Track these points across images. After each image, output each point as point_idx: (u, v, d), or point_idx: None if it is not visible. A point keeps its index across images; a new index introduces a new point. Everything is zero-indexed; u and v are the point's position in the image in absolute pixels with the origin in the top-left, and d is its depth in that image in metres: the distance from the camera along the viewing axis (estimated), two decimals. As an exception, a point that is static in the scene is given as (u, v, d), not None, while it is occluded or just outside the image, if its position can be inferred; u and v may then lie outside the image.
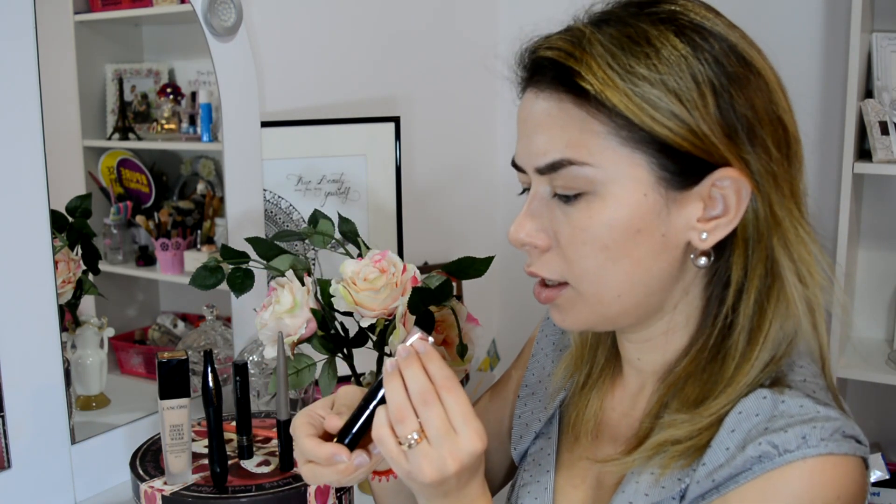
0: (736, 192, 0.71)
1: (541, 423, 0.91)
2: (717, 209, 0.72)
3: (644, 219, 0.71)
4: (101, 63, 1.46)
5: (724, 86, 0.70)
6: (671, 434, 0.74)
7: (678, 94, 0.69)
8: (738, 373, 0.73)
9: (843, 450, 0.68)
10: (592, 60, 0.69)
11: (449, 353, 1.10)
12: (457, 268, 1.13)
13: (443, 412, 0.70)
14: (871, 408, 2.01)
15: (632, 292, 0.74)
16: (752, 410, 0.71)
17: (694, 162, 0.70)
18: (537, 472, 0.89)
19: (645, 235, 0.72)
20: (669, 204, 0.71)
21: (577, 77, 0.70)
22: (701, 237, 0.72)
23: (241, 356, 1.40)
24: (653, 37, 0.70)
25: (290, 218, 1.56)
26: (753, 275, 0.73)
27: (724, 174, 0.70)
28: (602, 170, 0.71)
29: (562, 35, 0.73)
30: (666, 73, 0.69)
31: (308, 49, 1.66)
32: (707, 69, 0.69)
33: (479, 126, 2.19)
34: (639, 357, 0.82)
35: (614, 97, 0.68)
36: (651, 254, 0.73)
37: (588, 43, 0.70)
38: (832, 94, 1.93)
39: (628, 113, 0.69)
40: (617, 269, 0.73)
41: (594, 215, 0.72)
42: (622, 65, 0.69)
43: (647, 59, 0.69)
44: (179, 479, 1.01)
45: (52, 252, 1.14)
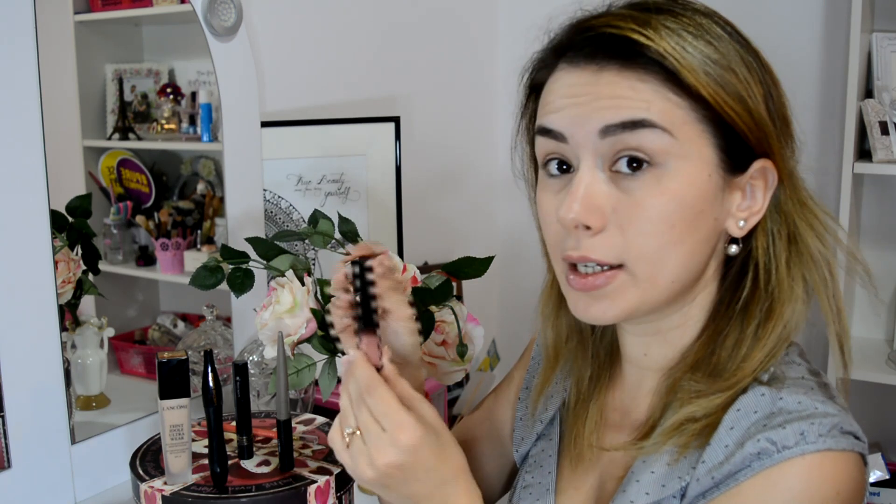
0: (764, 182, 0.74)
1: (542, 425, 0.91)
2: (751, 198, 0.74)
3: (706, 200, 0.72)
4: (101, 63, 1.46)
5: (766, 81, 0.73)
6: (690, 411, 0.73)
7: (745, 81, 0.71)
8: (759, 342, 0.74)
9: (842, 446, 0.68)
10: (663, 40, 0.69)
11: (448, 353, 1.10)
12: (457, 268, 1.13)
13: (368, 412, 0.73)
14: (871, 408, 2.01)
15: (682, 278, 0.73)
16: (751, 408, 0.71)
17: (746, 149, 0.73)
18: (539, 474, 0.89)
19: (704, 218, 0.72)
20: (724, 188, 0.73)
21: (651, 53, 0.69)
22: (739, 224, 0.75)
23: (241, 356, 1.40)
24: (708, 28, 0.71)
25: (290, 218, 1.56)
26: (779, 259, 0.75)
27: (763, 164, 0.73)
28: (678, 143, 0.70)
29: (620, 15, 0.71)
30: (731, 61, 0.71)
31: (308, 49, 1.66)
32: (755, 64, 0.73)
33: (479, 126, 2.19)
34: (645, 353, 0.82)
35: (690, 75, 0.69)
36: (704, 238, 0.73)
37: (653, 26, 0.70)
38: (832, 94, 1.93)
39: (703, 91, 0.69)
40: (677, 252, 0.71)
41: (667, 190, 0.70)
42: (693, 48, 0.70)
43: (712, 45, 0.71)
44: (179, 479, 1.01)
45: (52, 252, 1.14)
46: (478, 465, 1.01)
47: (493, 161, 2.23)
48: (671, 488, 0.74)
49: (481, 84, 2.18)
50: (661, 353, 0.80)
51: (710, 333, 0.77)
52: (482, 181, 2.20)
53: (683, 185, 0.70)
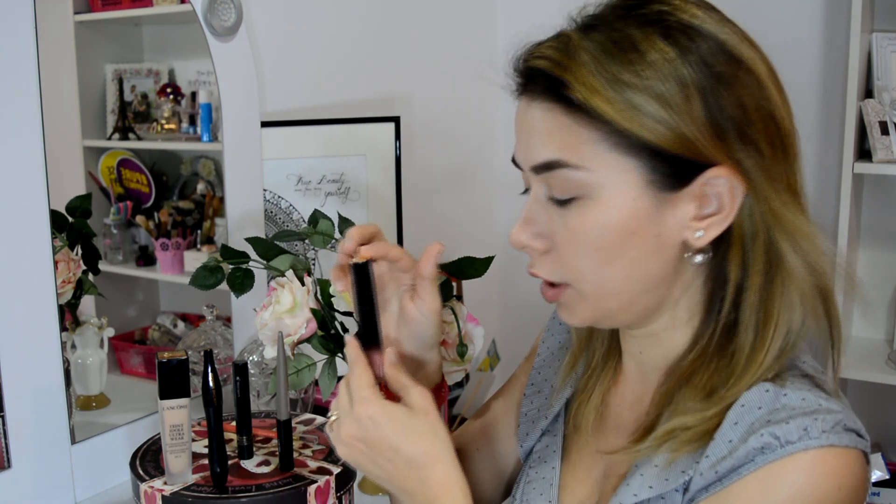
0: (729, 190, 0.71)
1: (547, 421, 0.92)
2: (711, 207, 0.72)
3: (637, 221, 0.72)
4: (101, 63, 1.46)
5: (711, 87, 0.70)
6: (681, 421, 0.74)
7: (664, 98, 0.69)
8: (750, 365, 0.73)
9: (845, 442, 0.69)
10: (579, 69, 0.70)
11: (448, 353, 1.10)
12: (457, 268, 1.13)
13: (345, 393, 0.81)
14: (871, 408, 2.01)
15: (630, 290, 0.75)
16: (755, 403, 0.72)
17: (684, 163, 0.71)
18: (543, 469, 0.90)
19: (639, 237, 0.73)
20: (661, 205, 0.72)
21: (565, 87, 0.71)
22: (696, 235, 0.73)
23: (241, 356, 1.40)
24: (638, 41, 0.70)
25: (290, 218, 1.56)
26: (753, 271, 0.74)
27: (714, 173, 0.71)
28: (594, 174, 0.72)
29: (552, 43, 0.73)
30: (651, 79, 0.69)
31: (308, 49, 1.66)
32: (693, 71, 0.70)
33: (479, 126, 2.19)
34: (641, 351, 0.83)
35: (601, 105, 0.69)
36: (646, 254, 0.73)
37: (575, 51, 0.71)
38: (832, 94, 1.93)
39: (615, 120, 0.70)
40: (613, 269, 0.74)
41: (588, 219, 0.73)
42: (608, 72, 0.69)
43: (632, 65, 0.69)
44: (179, 479, 1.01)
45: (52, 252, 1.14)
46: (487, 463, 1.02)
47: (493, 161, 2.23)
48: (674, 482, 0.74)
49: (481, 84, 2.18)
50: (657, 352, 0.81)
51: (707, 337, 0.77)
52: (482, 181, 2.20)
53: (605, 213, 0.72)
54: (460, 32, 2.09)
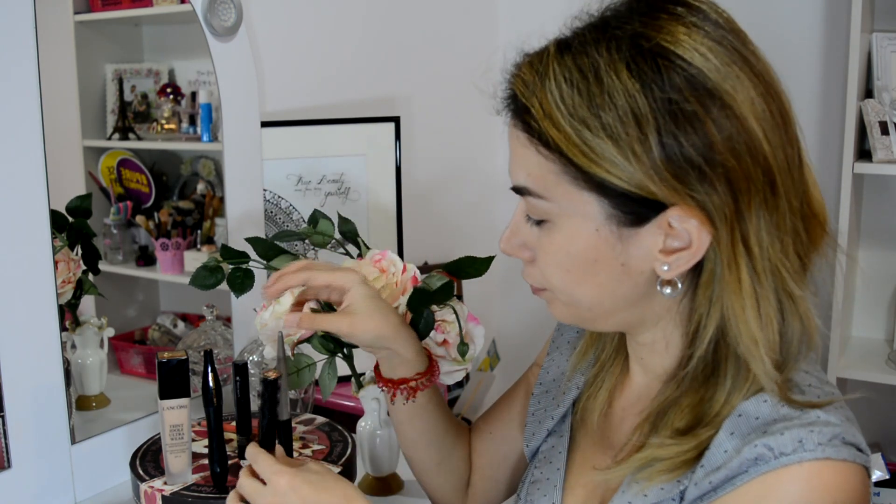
0: (698, 227, 0.69)
1: (553, 421, 0.92)
2: (681, 241, 0.70)
3: (599, 250, 0.73)
4: (101, 63, 1.46)
5: (672, 125, 0.66)
6: (657, 453, 0.75)
7: (618, 141, 0.67)
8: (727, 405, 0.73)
9: (842, 456, 0.67)
10: (544, 97, 0.70)
11: (449, 352, 1.11)
12: (458, 267, 1.13)
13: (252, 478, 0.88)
14: (871, 408, 2.01)
15: (601, 307, 0.77)
16: (752, 413, 0.71)
17: (642, 202, 0.69)
18: (548, 470, 0.90)
19: (603, 264, 0.74)
20: (623, 238, 0.72)
21: (528, 116, 0.72)
22: (663, 268, 0.72)
23: (241, 356, 1.40)
24: (603, 72, 0.68)
25: (290, 218, 1.56)
26: (711, 315, 0.72)
27: (674, 213, 0.69)
28: (556, 204, 0.73)
29: (532, 59, 0.73)
30: (607, 117, 0.67)
31: (308, 49, 1.66)
32: (654, 108, 0.67)
33: (479, 126, 2.19)
34: (642, 357, 0.83)
35: (559, 140, 0.70)
36: (612, 279, 0.74)
37: (546, 74, 0.71)
38: (832, 94, 1.93)
39: (572, 157, 0.70)
40: (582, 289, 0.76)
41: (554, 242, 0.75)
42: (569, 106, 0.69)
43: (591, 99, 0.68)
44: (179, 479, 1.01)
45: (52, 252, 1.14)
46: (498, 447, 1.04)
47: (493, 161, 2.23)
48: (669, 491, 0.74)
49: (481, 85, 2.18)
50: (654, 360, 0.82)
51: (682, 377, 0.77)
52: (482, 181, 2.20)
53: (568, 240, 0.74)
54: (460, 33, 2.09)
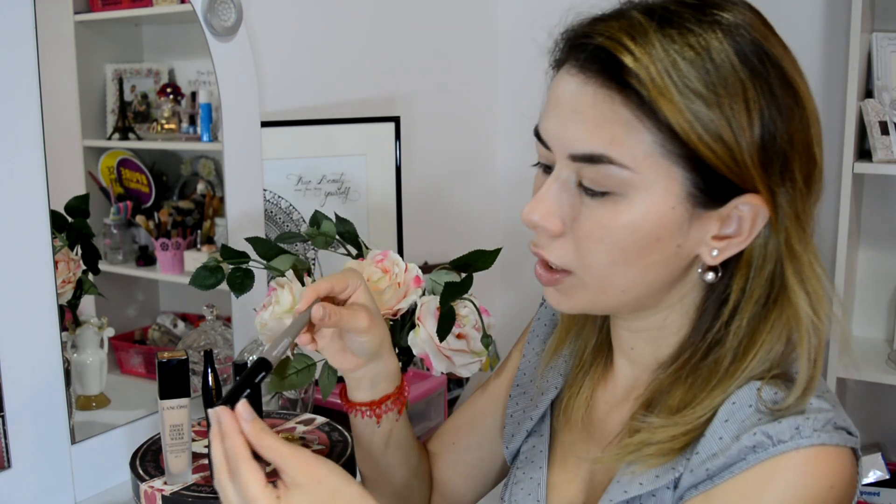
0: (753, 216, 0.71)
1: (532, 422, 0.92)
2: (730, 228, 0.72)
3: (665, 229, 0.71)
4: (101, 63, 1.46)
5: (772, 117, 0.69)
6: (648, 437, 0.75)
7: (730, 118, 0.67)
8: (718, 388, 0.74)
9: (835, 441, 0.69)
10: (651, 65, 0.67)
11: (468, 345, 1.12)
12: (466, 261, 1.14)
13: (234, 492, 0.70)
14: (871, 408, 2.01)
15: (634, 291, 0.75)
16: (746, 401, 0.72)
17: (725, 185, 0.70)
18: (530, 469, 0.90)
19: (662, 244, 0.72)
20: (692, 219, 0.71)
21: (633, 78, 0.67)
22: (712, 253, 0.72)
23: (240, 356, 1.40)
24: (714, 52, 0.68)
25: (290, 218, 1.56)
26: (750, 298, 0.73)
27: (748, 199, 0.70)
28: (639, 176, 0.69)
29: (620, 23, 0.69)
30: (722, 95, 0.67)
31: (308, 49, 1.66)
32: (760, 97, 0.68)
33: (479, 126, 2.19)
34: (632, 346, 0.83)
35: (668, 109, 0.67)
36: (662, 261, 0.73)
37: (649, 44, 0.67)
38: (832, 94, 1.93)
39: (678, 128, 0.67)
40: (626, 270, 0.73)
41: (619, 216, 0.71)
42: (681, 77, 0.67)
43: (707, 75, 0.67)
44: (179, 479, 1.01)
45: (52, 252, 1.14)
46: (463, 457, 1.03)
47: (493, 161, 2.23)
48: (664, 479, 0.74)
49: (481, 84, 2.18)
50: (647, 350, 0.81)
51: (684, 359, 0.77)
52: (482, 181, 2.20)
53: (639, 216, 0.70)
54: (461, 32, 2.09)
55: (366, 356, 0.88)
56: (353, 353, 0.88)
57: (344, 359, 0.88)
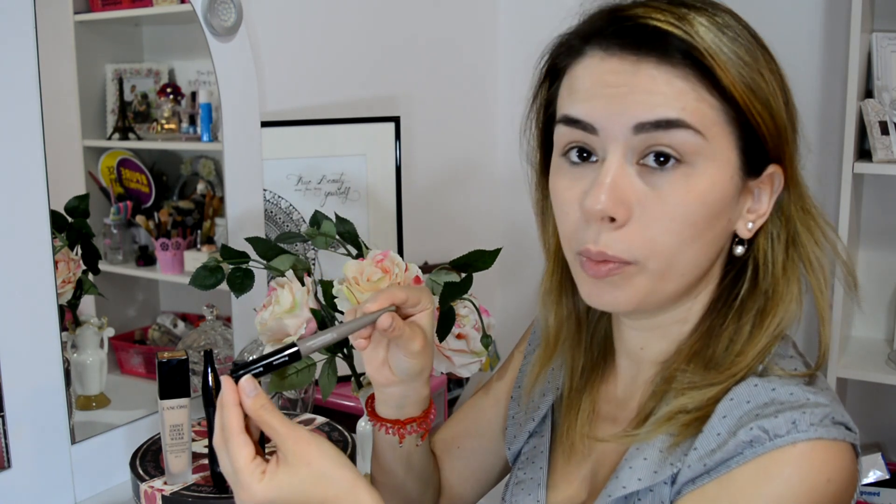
0: (770, 186, 0.75)
1: (534, 423, 0.92)
2: (756, 202, 0.76)
3: (725, 201, 0.73)
4: (101, 63, 1.46)
5: (785, 88, 0.74)
6: (681, 403, 0.74)
7: (770, 84, 0.72)
8: (754, 339, 0.75)
9: (833, 435, 0.69)
10: (702, 38, 0.70)
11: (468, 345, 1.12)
12: (466, 261, 1.14)
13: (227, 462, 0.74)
14: (871, 408, 2.01)
15: (692, 273, 0.75)
16: (744, 397, 0.73)
17: (763, 154, 0.74)
18: (531, 470, 0.90)
19: (721, 218, 0.73)
20: (740, 191, 0.74)
21: (695, 52, 0.69)
22: (748, 226, 0.76)
23: (241, 356, 1.40)
24: (736, 28, 0.72)
25: (290, 218, 1.56)
26: (777, 262, 0.76)
27: (774, 169, 0.74)
28: (709, 144, 0.70)
29: (651, 9, 0.71)
30: (761, 63, 0.72)
31: (308, 49, 1.66)
32: (776, 68, 0.74)
33: (479, 126, 2.19)
34: (642, 346, 0.82)
35: (726, 77, 0.70)
36: (716, 237, 0.74)
37: (690, 22, 0.70)
38: (832, 94, 1.93)
39: (736, 93, 0.70)
40: (692, 248, 0.72)
41: (693, 188, 0.70)
42: (729, 48, 0.71)
43: (749, 49, 0.72)
44: (179, 479, 1.01)
45: (52, 252, 1.14)
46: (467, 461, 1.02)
47: (493, 161, 2.23)
48: (663, 474, 0.74)
49: (481, 84, 2.18)
50: (659, 347, 0.81)
51: (706, 328, 0.79)
52: (482, 181, 2.20)
53: (708, 186, 0.71)
54: (461, 32, 2.09)
55: (403, 377, 0.86)
56: (392, 370, 0.86)
57: (381, 372, 0.87)
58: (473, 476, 1.02)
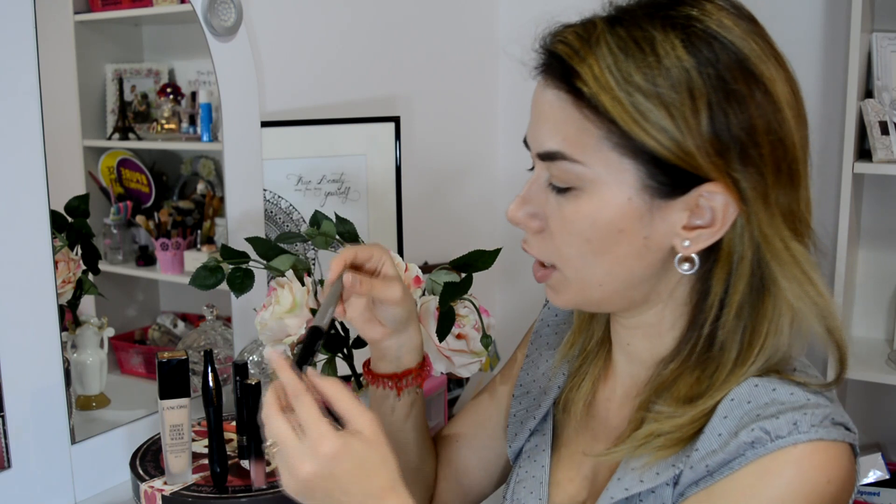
0: (724, 206, 0.71)
1: (535, 421, 0.93)
2: (703, 219, 0.72)
3: (627, 221, 0.73)
4: (101, 63, 1.46)
5: (721, 102, 0.69)
6: (657, 427, 0.76)
7: (671, 108, 0.69)
8: (729, 379, 0.74)
9: (833, 436, 0.70)
10: (595, 63, 0.70)
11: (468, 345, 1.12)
12: (466, 261, 1.14)
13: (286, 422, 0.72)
14: (871, 408, 2.01)
15: (612, 283, 0.76)
16: (744, 398, 0.73)
17: (681, 174, 0.71)
18: (533, 468, 0.90)
19: (627, 235, 0.73)
20: (653, 210, 0.72)
21: (577, 78, 0.71)
22: (683, 244, 0.73)
23: (241, 356, 1.40)
24: (658, 44, 0.70)
25: (290, 218, 1.56)
26: (735, 290, 0.74)
27: (710, 188, 0.71)
28: (592, 170, 0.72)
29: (576, 29, 0.73)
30: (663, 86, 0.69)
31: (308, 49, 1.66)
32: (707, 84, 0.69)
33: (479, 126, 2.19)
34: (629, 343, 0.83)
35: (608, 103, 0.70)
36: (632, 253, 0.74)
37: (595, 42, 0.71)
38: (832, 94, 1.93)
39: (620, 121, 0.70)
40: (598, 262, 0.75)
41: (580, 210, 0.74)
42: (622, 71, 0.69)
43: (648, 68, 0.69)
44: (179, 479, 1.01)
45: (52, 252, 1.14)
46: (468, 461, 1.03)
47: (493, 161, 2.23)
48: (665, 476, 0.75)
49: (481, 84, 2.18)
50: (644, 345, 0.82)
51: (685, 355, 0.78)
52: (482, 181, 2.20)
53: (596, 207, 0.73)
54: (460, 32, 2.09)
55: (394, 325, 0.91)
56: (382, 323, 0.91)
57: (372, 328, 0.91)
58: (473, 473, 1.03)
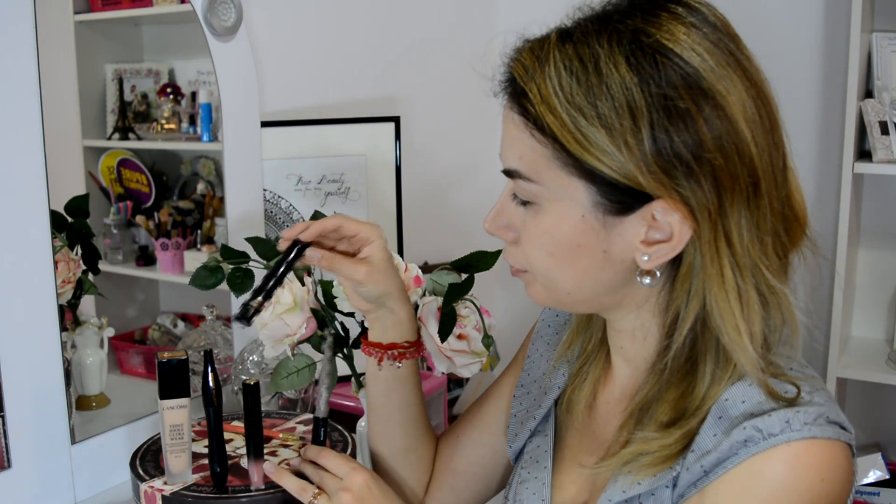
0: (680, 221, 0.71)
1: (536, 421, 0.93)
2: (663, 233, 0.72)
3: (583, 236, 0.74)
4: (101, 63, 1.46)
5: (665, 120, 0.68)
6: (643, 448, 0.76)
7: (612, 130, 0.69)
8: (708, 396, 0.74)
9: (827, 434, 0.69)
10: (543, 83, 0.71)
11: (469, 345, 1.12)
12: (468, 262, 1.15)
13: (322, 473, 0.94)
14: (871, 408, 2.01)
15: (580, 293, 0.78)
16: (739, 397, 0.73)
17: (629, 192, 0.71)
18: (535, 469, 0.90)
19: (586, 250, 0.75)
20: (608, 227, 0.73)
21: (525, 99, 0.73)
22: (643, 258, 0.74)
23: (241, 356, 1.40)
24: (602, 61, 0.69)
25: (290, 218, 1.56)
26: (693, 303, 0.73)
27: (660, 205, 0.71)
28: (545, 188, 0.74)
29: (532, 45, 0.74)
30: (603, 108, 0.69)
31: (308, 49, 1.66)
32: (649, 103, 0.68)
33: (479, 126, 2.19)
34: (621, 345, 0.84)
35: (553, 125, 0.71)
36: (594, 265, 0.75)
37: (545, 60, 0.72)
38: (832, 94, 1.93)
39: (564, 143, 0.71)
40: (563, 273, 0.77)
41: (540, 225, 0.76)
42: (565, 92, 0.70)
43: (589, 89, 0.69)
44: (179, 479, 1.01)
45: (52, 252, 1.14)
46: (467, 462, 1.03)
47: (493, 161, 2.23)
48: (663, 478, 0.75)
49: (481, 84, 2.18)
50: (634, 348, 0.82)
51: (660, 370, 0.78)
52: (482, 181, 2.20)
53: (553, 223, 0.75)
54: (460, 32, 2.09)
55: (370, 302, 0.96)
56: (359, 298, 0.96)
57: (354, 300, 0.98)
58: (474, 473, 1.03)
